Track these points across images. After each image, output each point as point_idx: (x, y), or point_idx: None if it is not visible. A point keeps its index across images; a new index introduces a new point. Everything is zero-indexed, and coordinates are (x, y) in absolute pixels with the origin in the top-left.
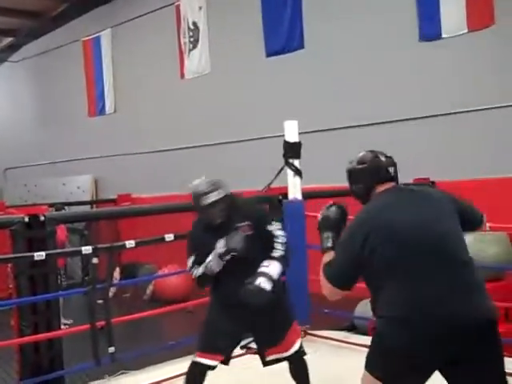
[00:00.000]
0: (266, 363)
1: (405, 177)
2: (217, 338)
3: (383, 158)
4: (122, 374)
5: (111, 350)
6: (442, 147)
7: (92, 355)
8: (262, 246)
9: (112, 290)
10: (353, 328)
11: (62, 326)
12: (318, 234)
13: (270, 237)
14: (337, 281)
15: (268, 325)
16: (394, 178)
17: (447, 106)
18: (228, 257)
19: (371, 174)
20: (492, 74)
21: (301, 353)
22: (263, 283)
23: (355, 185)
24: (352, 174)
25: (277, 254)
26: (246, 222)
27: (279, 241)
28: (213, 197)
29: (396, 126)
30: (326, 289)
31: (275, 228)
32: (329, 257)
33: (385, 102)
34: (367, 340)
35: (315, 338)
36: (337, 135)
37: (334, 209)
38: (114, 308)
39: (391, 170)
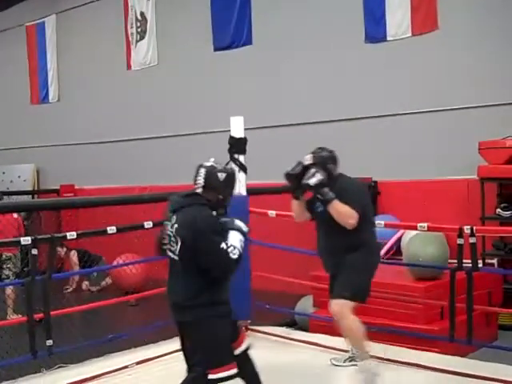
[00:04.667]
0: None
1: (348, 175)
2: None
3: None
4: (60, 367)
5: (49, 342)
6: (384, 147)
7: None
8: None
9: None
10: (293, 324)
11: None
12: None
13: None
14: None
15: None
16: None
17: (392, 107)
18: None
19: (337, 158)
20: (438, 78)
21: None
22: None
23: (332, 165)
24: (331, 158)
25: None
26: None
27: None
28: None
29: (340, 124)
30: (353, 219)
31: None
32: (339, 202)
33: (330, 100)
34: (307, 336)
35: (256, 334)
36: (282, 132)
37: (320, 174)
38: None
39: None
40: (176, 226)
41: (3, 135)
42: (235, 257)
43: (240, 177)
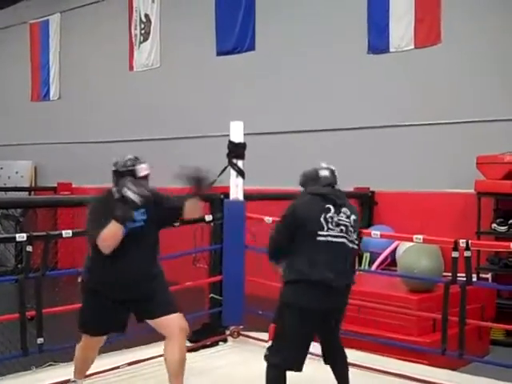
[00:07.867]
0: None
1: (346, 185)
2: None
3: None
4: (50, 365)
5: (40, 340)
6: (383, 158)
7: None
8: None
9: None
10: None
11: None
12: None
13: None
14: None
15: None
16: None
17: (391, 119)
18: None
19: None
20: (438, 91)
21: None
22: None
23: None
24: None
25: None
26: None
27: None
28: None
29: (339, 133)
30: None
31: None
32: None
33: (330, 109)
34: None
35: (248, 339)
36: (281, 139)
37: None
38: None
39: None
40: (353, 217)
41: (2, 131)
42: None
43: (238, 181)
